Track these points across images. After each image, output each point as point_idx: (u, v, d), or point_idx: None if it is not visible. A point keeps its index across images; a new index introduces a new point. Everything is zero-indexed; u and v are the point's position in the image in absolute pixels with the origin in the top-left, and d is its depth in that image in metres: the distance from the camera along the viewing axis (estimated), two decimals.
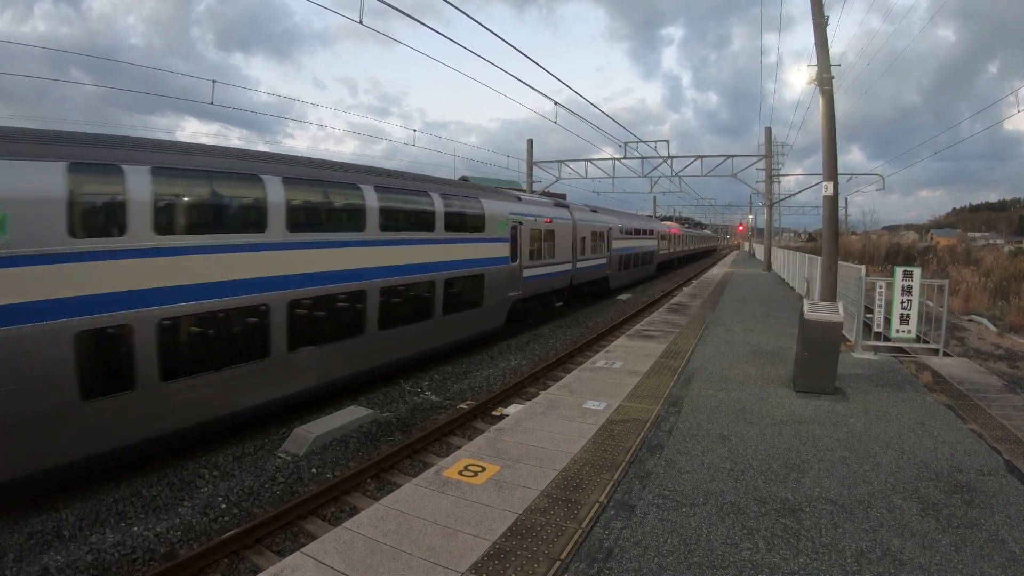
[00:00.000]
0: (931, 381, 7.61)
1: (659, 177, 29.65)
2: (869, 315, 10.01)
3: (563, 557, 3.47)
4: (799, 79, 11.08)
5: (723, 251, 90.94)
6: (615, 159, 26.72)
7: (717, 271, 32.17)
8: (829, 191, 10.30)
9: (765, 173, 29.32)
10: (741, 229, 76.08)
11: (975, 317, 18.84)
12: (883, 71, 34.95)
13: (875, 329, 9.46)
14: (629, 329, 13.01)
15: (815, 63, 10.46)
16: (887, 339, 9.19)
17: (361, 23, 8.84)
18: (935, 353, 9.06)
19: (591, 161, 27.67)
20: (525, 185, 27.01)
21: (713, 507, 4.12)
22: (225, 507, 6.10)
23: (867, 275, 9.73)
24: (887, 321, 9.05)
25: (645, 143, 25.28)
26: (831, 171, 10.29)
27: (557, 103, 17.24)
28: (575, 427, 5.81)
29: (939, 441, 5.42)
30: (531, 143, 27.19)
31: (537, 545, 3.61)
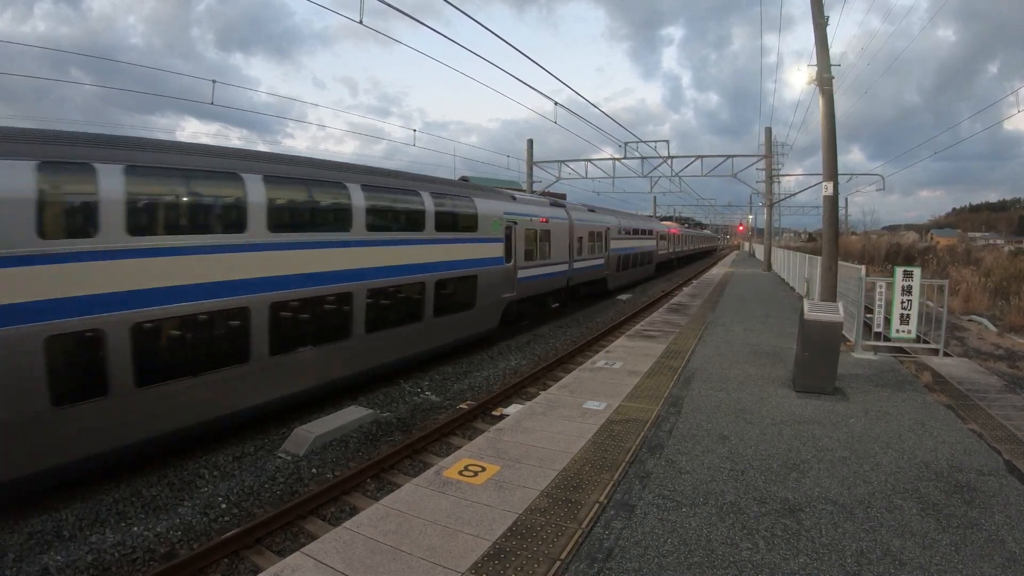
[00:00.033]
0: (931, 381, 7.61)
1: (659, 177, 29.67)
2: (869, 315, 10.01)
3: (563, 557, 3.47)
4: (799, 79, 11.10)
5: (723, 251, 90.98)
6: (615, 159, 26.71)
7: (717, 271, 32.17)
8: (829, 191, 10.31)
9: (765, 173, 29.34)
10: (741, 229, 76.14)
11: (975, 317, 18.84)
12: (883, 71, 34.93)
13: (875, 329, 9.46)
14: (629, 329, 13.01)
15: (815, 63, 10.47)
16: (887, 339, 9.19)
17: (361, 23, 8.84)
18: (935, 353, 9.06)
19: (591, 161, 27.67)
20: (525, 185, 26.99)
21: (713, 507, 4.12)
22: (225, 507, 6.10)
23: (867, 275, 9.73)
24: (887, 321, 9.05)
25: (645, 143, 25.29)
26: (831, 171, 10.30)
27: (557, 103, 17.24)
28: (575, 427, 5.81)
29: (939, 441, 5.42)
30: (531, 143, 27.18)
31: (537, 545, 3.61)
